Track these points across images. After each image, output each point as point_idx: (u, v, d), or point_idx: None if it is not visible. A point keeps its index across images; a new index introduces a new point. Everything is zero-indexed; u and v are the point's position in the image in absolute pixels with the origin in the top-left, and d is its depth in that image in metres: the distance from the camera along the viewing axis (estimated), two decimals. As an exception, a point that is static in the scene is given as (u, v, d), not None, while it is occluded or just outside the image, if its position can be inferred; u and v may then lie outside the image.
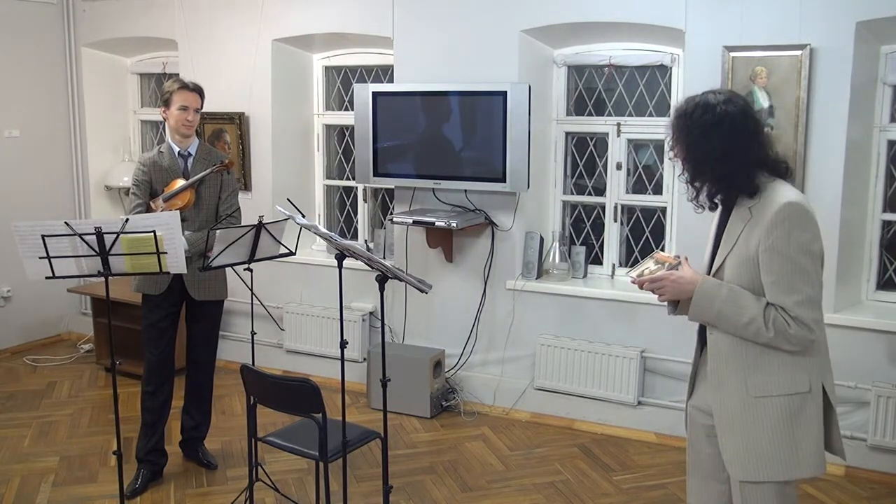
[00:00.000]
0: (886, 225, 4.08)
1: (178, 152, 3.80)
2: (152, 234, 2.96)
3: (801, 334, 2.15)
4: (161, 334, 3.81)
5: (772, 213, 2.15)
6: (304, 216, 3.26)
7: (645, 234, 4.66)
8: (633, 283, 2.39)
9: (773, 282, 2.16)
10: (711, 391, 2.33)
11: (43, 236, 2.89)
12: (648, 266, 2.41)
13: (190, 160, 3.81)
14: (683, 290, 2.27)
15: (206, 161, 3.81)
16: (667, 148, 2.36)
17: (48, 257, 2.93)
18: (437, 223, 4.45)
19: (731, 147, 2.20)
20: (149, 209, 3.69)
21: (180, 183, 3.71)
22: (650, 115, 4.55)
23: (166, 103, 3.76)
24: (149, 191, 3.76)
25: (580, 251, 4.69)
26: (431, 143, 4.62)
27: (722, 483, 2.44)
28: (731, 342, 2.25)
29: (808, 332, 2.16)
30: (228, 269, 3.77)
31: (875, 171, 4.01)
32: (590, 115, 4.72)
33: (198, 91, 3.78)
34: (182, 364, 3.99)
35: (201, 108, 3.81)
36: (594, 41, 4.53)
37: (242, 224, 3.69)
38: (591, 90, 4.71)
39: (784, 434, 2.21)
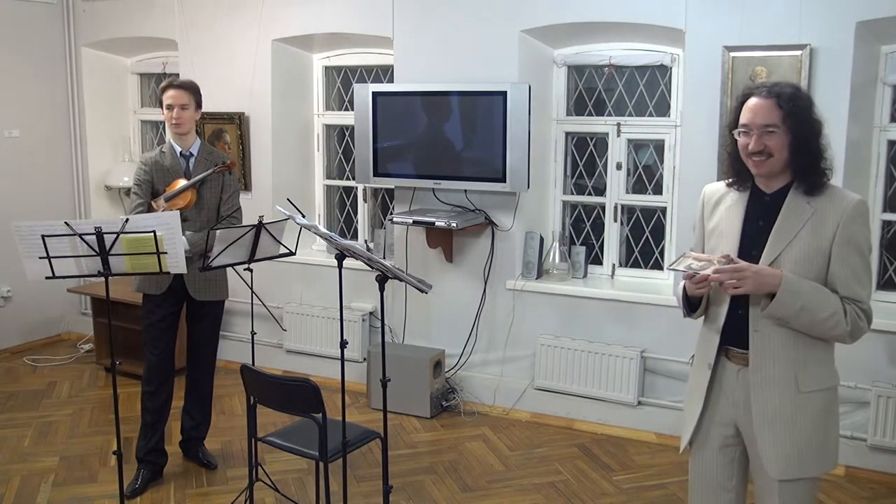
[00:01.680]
0: (886, 225, 4.08)
1: (181, 152, 3.80)
2: (152, 234, 2.96)
3: (866, 328, 2.18)
4: (161, 334, 3.81)
5: (849, 206, 2.16)
6: (304, 216, 3.26)
7: (645, 234, 4.66)
8: (688, 277, 2.24)
9: (851, 275, 2.17)
10: (753, 391, 2.26)
11: (43, 236, 2.89)
12: (690, 262, 2.28)
13: (192, 160, 3.81)
14: (765, 282, 2.16)
15: (208, 161, 3.81)
16: (753, 143, 2.21)
17: (48, 257, 2.92)
18: (437, 223, 4.45)
19: (821, 129, 2.24)
20: (150, 209, 3.68)
21: (182, 183, 3.71)
22: (650, 115, 4.55)
23: (160, 104, 3.78)
24: (150, 190, 3.76)
25: (580, 251, 4.69)
26: (431, 143, 4.62)
27: (729, 491, 2.41)
28: (782, 338, 2.22)
29: (868, 327, 2.19)
30: (229, 270, 3.77)
31: (875, 171, 4.01)
32: (590, 115, 4.72)
33: (184, 87, 3.73)
34: (182, 364, 3.99)
35: (191, 104, 3.74)
36: (594, 41, 4.53)
37: (242, 224, 3.69)
38: (591, 90, 4.71)
39: (821, 429, 2.24)
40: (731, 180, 2.37)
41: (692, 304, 2.40)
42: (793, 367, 2.22)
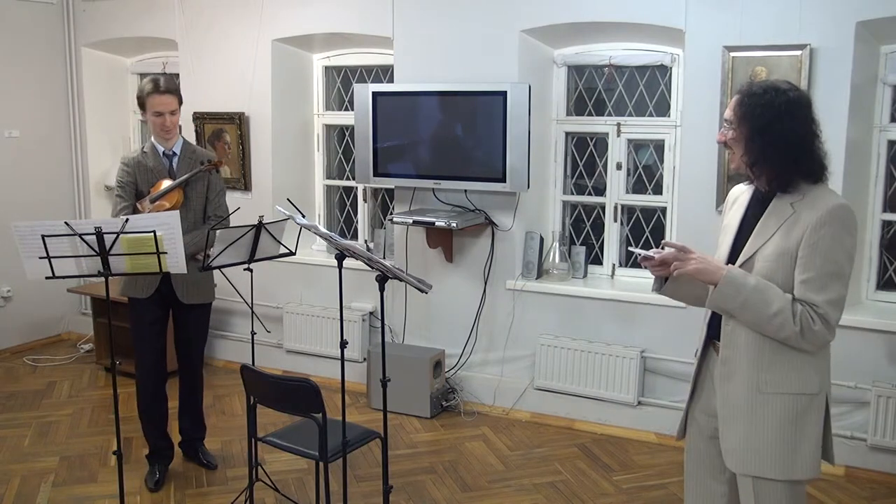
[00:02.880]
0: (886, 225, 4.08)
1: (163, 152, 3.77)
2: (152, 234, 2.96)
3: (822, 333, 2.14)
4: (151, 337, 3.77)
5: (823, 211, 2.13)
6: (304, 216, 3.26)
7: (645, 234, 4.66)
8: (643, 259, 2.32)
9: (809, 279, 2.14)
10: (719, 382, 2.30)
11: (43, 236, 2.89)
12: (651, 251, 2.36)
13: (175, 160, 3.77)
14: (707, 270, 2.20)
15: (192, 160, 3.77)
16: (718, 134, 2.30)
17: (48, 257, 2.92)
18: (437, 223, 4.45)
19: (803, 132, 2.19)
20: (136, 211, 3.65)
21: (166, 183, 3.67)
22: (650, 115, 4.55)
23: (142, 107, 3.70)
24: (134, 192, 3.72)
25: (580, 251, 4.69)
26: (431, 143, 4.62)
27: (721, 484, 2.43)
28: (749, 335, 2.22)
29: (829, 333, 2.15)
30: (218, 271, 3.74)
31: (875, 171, 4.01)
32: (590, 115, 4.72)
33: (171, 91, 3.68)
34: (175, 366, 3.98)
35: (179, 107, 3.72)
36: (594, 41, 4.53)
37: (242, 224, 3.68)
38: (591, 90, 4.71)
39: (786, 433, 2.20)
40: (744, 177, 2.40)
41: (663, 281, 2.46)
42: (756, 366, 2.22)
